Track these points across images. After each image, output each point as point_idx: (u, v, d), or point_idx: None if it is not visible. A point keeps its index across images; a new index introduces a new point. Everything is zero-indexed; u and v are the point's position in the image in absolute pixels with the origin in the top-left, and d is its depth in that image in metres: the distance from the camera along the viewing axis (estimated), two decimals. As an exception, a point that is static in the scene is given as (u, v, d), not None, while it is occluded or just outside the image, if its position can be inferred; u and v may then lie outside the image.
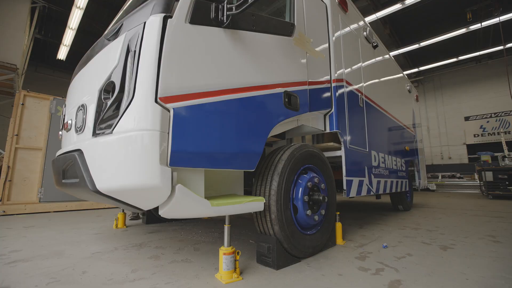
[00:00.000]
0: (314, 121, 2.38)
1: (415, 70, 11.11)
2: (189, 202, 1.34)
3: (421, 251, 2.11)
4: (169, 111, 1.30)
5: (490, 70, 11.01)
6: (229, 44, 1.61)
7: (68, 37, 8.32)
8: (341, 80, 2.68)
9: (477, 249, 2.16)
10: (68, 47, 8.87)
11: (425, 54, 10.01)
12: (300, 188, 1.94)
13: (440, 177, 11.37)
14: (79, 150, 1.43)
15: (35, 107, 4.58)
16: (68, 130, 1.73)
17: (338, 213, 2.43)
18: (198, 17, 1.47)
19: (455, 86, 11.96)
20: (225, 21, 1.54)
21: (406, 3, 6.64)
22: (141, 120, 1.24)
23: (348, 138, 2.62)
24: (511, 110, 10.26)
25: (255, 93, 1.71)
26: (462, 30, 7.85)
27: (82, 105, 1.55)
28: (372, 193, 3.09)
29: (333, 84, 2.55)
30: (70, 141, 1.70)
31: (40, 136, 4.57)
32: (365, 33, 3.58)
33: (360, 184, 2.80)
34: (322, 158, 2.22)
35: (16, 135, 4.32)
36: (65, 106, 1.98)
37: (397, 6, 6.79)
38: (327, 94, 2.47)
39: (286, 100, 1.95)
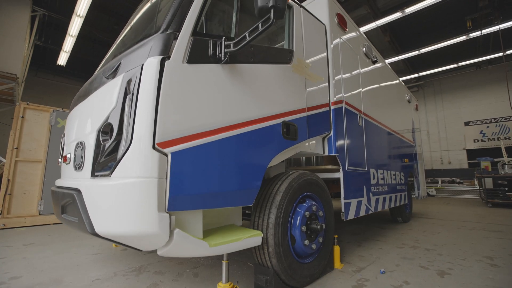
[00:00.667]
0: (313, 146, 2.39)
1: (415, 75, 11.11)
2: (188, 245, 1.36)
3: (418, 278, 2.12)
4: (166, 155, 1.30)
5: (491, 75, 11.01)
6: (227, 80, 1.61)
7: (68, 43, 8.32)
8: (340, 102, 2.69)
9: (474, 276, 2.16)
10: (68, 53, 8.88)
11: (425, 60, 10.01)
12: (298, 217, 1.95)
13: (440, 182, 11.37)
14: (78, 190, 1.43)
15: (35, 119, 4.59)
16: (67, 163, 1.74)
17: (336, 236, 2.44)
18: (196, 55, 1.48)
19: (455, 91, 11.96)
20: (223, 58, 1.55)
21: (406, 11, 6.63)
22: (139, 167, 1.24)
23: (346, 160, 2.63)
24: (511, 116, 10.25)
25: (253, 127, 1.72)
26: (462, 37, 7.85)
27: (81, 143, 1.56)
28: (370, 212, 3.10)
29: (332, 107, 2.56)
30: (69, 175, 1.71)
31: (40, 148, 4.59)
32: (364, 49, 3.58)
33: (359, 205, 2.81)
34: (320, 184, 2.23)
35: (16, 148, 4.33)
36: (64, 136, 1.99)
37: (397, 15, 6.79)
38: (326, 118, 2.48)
39: (284, 130, 1.96)
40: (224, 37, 1.57)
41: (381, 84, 4.10)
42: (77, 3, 6.39)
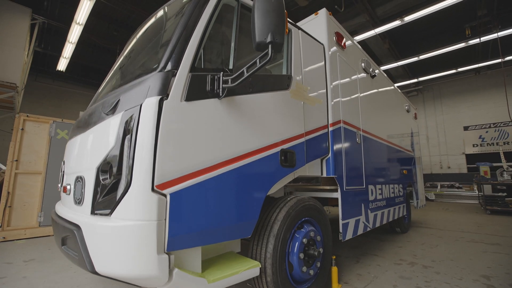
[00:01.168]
0: (311, 168, 2.40)
1: (415, 80, 11.13)
2: (187, 283, 1.37)
3: (415, 302, 2.13)
4: (165, 196, 1.32)
5: (490, 80, 11.03)
6: (225, 113, 1.63)
7: (68, 50, 8.32)
8: (339, 122, 2.70)
9: (471, 299, 2.18)
10: (68, 59, 8.88)
11: (424, 66, 10.03)
12: (296, 243, 1.97)
13: (439, 187, 11.40)
14: (78, 227, 1.45)
15: (34, 131, 4.60)
16: (67, 194, 1.75)
17: (334, 257, 2.45)
18: (194, 92, 1.49)
19: (455, 95, 11.98)
20: (221, 94, 1.56)
21: (405, 20, 6.65)
22: (138, 209, 1.26)
23: (344, 180, 2.65)
24: (509, 121, 10.28)
25: (251, 159, 1.74)
26: (461, 45, 7.87)
27: (81, 177, 1.57)
28: (368, 229, 3.12)
29: (331, 129, 2.57)
30: (69, 206, 1.72)
31: (39, 160, 4.60)
32: (363, 64, 3.60)
33: (356, 223, 2.83)
34: (318, 209, 2.24)
35: (16, 160, 4.34)
36: (64, 164, 2.00)
37: (396, 23, 6.80)
38: (324, 140, 2.50)
39: (283, 158, 1.98)
40: (222, 72, 1.58)
41: (380, 98, 4.12)
42: (76, 12, 6.40)
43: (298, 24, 3.05)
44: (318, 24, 2.85)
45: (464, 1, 5.98)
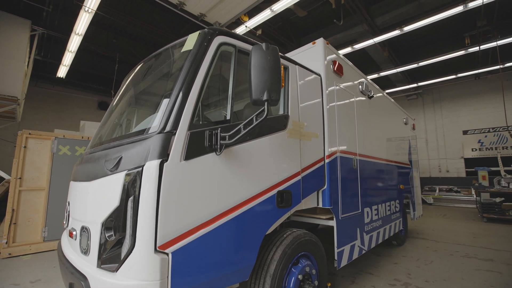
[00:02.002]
0: (307, 202, 2.48)
1: (414, 85, 11.14)
2: (187, 334, 1.46)
3: (407, 332, 2.23)
4: (167, 255, 1.40)
5: (490, 84, 11.04)
6: (222, 166, 1.70)
7: (68, 58, 8.37)
8: (335, 153, 2.77)
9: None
10: (68, 66, 8.92)
11: (424, 71, 10.04)
12: (293, 279, 2.06)
13: (437, 191, 11.49)
14: (85, 277, 1.53)
15: (37, 148, 4.68)
16: (73, 239, 1.83)
17: (329, 284, 2.54)
18: (193, 150, 1.56)
19: (454, 99, 12.00)
20: (219, 151, 1.63)
21: (405, 30, 6.66)
22: (142, 270, 1.34)
23: (340, 209, 2.72)
24: (509, 126, 10.32)
25: (248, 206, 1.81)
26: (461, 52, 7.88)
27: (86, 228, 1.65)
28: (364, 252, 3.20)
29: (327, 160, 2.64)
30: (75, 250, 1.79)
31: (42, 176, 4.68)
32: (360, 86, 3.65)
33: (352, 249, 2.91)
34: (314, 242, 2.32)
35: (20, 178, 4.42)
36: (68, 205, 2.08)
37: (395, 32, 6.81)
38: (321, 173, 2.57)
39: (279, 199, 2.05)
40: (219, 128, 1.65)
41: (377, 116, 4.17)
42: (76, 23, 6.43)
43: (295, 52, 3.10)
44: (315, 53, 2.90)
45: (464, 12, 5.99)
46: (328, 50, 2.93)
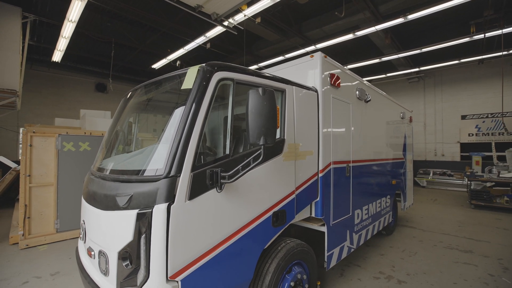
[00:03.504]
0: (301, 214, 2.69)
1: (416, 69, 10.95)
2: None
3: (384, 326, 2.58)
4: (177, 283, 1.63)
5: (493, 69, 10.85)
6: (223, 199, 1.87)
7: (62, 44, 8.15)
8: (328, 165, 2.92)
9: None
10: (63, 51, 8.71)
11: (427, 56, 9.82)
12: (286, 285, 2.34)
13: (431, 174, 11.84)
14: (105, 297, 1.78)
15: (42, 146, 4.82)
16: (92, 258, 2.06)
17: (319, 283, 2.86)
18: (196, 190, 1.72)
19: (456, 83, 11.86)
20: (219, 189, 1.79)
21: (409, 18, 6.44)
22: (156, 299, 1.58)
23: (331, 217, 2.95)
24: (507, 112, 10.35)
25: (246, 230, 2.02)
26: (466, 39, 7.68)
27: (104, 253, 1.87)
28: (352, 250, 3.51)
29: (320, 175, 2.80)
30: (95, 267, 2.03)
31: (50, 172, 4.88)
32: (357, 92, 3.69)
33: (341, 250, 3.20)
34: (306, 250, 2.57)
35: (29, 175, 4.63)
36: (84, 223, 2.28)
37: (399, 20, 6.59)
38: (314, 187, 2.75)
39: (274, 219, 2.26)
40: (220, 168, 1.79)
41: (373, 117, 4.25)
42: (68, 10, 6.19)
43: (293, 63, 3.12)
44: (312, 67, 2.92)
45: (471, 1, 5.76)
46: (326, 64, 2.95)
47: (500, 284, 3.38)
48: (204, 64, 1.92)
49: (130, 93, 2.62)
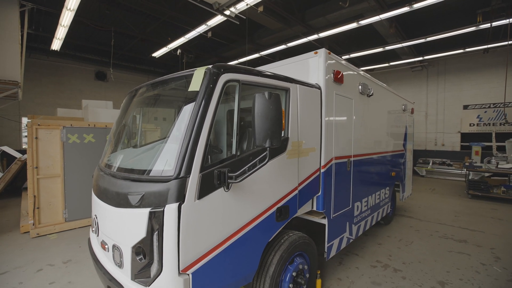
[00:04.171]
0: (303, 209, 2.80)
1: (420, 58, 10.79)
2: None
3: (379, 312, 2.75)
4: (188, 275, 1.75)
5: (498, 58, 10.69)
6: (230, 197, 1.95)
7: (61, 32, 8.02)
8: (330, 161, 3.00)
9: (423, 309, 2.80)
10: (62, 40, 8.59)
11: (431, 45, 9.65)
12: (288, 275, 2.48)
13: (431, 163, 11.96)
14: (121, 285, 1.91)
15: (47, 138, 4.89)
16: (106, 251, 2.18)
17: (319, 271, 3.02)
18: (204, 190, 1.81)
19: (459, 72, 11.73)
20: (226, 188, 1.88)
21: (414, 6, 6.31)
22: (169, 288, 1.70)
23: (332, 210, 3.07)
24: (510, 102, 10.31)
25: (252, 225, 2.12)
26: (472, 28, 7.54)
27: (118, 248, 1.98)
28: (351, 241, 3.66)
29: (322, 170, 2.89)
30: (109, 259, 2.15)
31: (56, 164, 4.99)
32: (360, 87, 3.71)
33: (341, 241, 3.34)
34: (307, 242, 2.70)
35: (36, 167, 4.73)
36: (96, 217, 2.39)
37: (404, 9, 6.45)
38: (316, 182, 2.84)
39: (278, 214, 2.36)
40: (227, 169, 1.86)
41: (375, 111, 4.28)
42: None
43: (297, 59, 3.12)
44: (316, 64, 2.93)
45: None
46: (330, 61, 2.96)
47: (491, 273, 3.55)
48: (210, 66, 1.95)
49: (135, 90, 2.66)
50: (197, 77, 1.94)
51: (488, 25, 7.16)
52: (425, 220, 5.88)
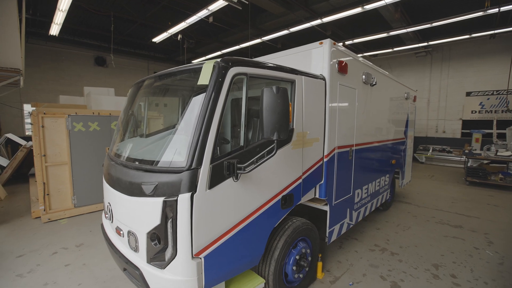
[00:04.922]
0: (306, 196, 2.91)
1: (424, 44, 10.59)
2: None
3: (376, 292, 2.95)
4: (201, 259, 1.89)
5: (503, 44, 10.49)
6: (238, 187, 2.05)
7: (59, 17, 7.85)
8: (333, 150, 3.09)
9: (417, 289, 2.99)
10: (60, 25, 8.42)
11: (436, 30, 9.45)
12: (292, 258, 2.64)
13: (431, 150, 12.07)
14: (138, 269, 2.05)
15: (53, 126, 4.96)
16: (121, 236, 2.31)
17: (320, 255, 3.19)
18: (215, 180, 1.90)
19: (463, 59, 11.54)
20: (236, 178, 1.97)
21: (421, -10, 6.13)
22: (184, 271, 1.84)
23: (334, 197, 3.19)
24: (509, 89, 10.24)
25: (258, 212, 2.24)
26: (479, 13, 7.36)
27: (133, 233, 2.11)
28: (351, 226, 3.82)
29: (325, 160, 2.98)
30: (125, 244, 2.29)
31: (63, 152, 5.09)
32: (364, 76, 3.72)
33: (341, 226, 3.50)
34: (310, 228, 2.84)
35: (44, 155, 4.84)
36: (110, 205, 2.50)
37: (411, -7, 6.28)
38: (319, 171, 2.94)
39: (283, 202, 2.48)
40: (236, 160, 1.95)
41: (377, 100, 4.31)
42: (64, -18, 5.91)
43: (302, 49, 3.12)
44: (321, 54, 2.94)
45: (489, -28, 5.44)
46: (334, 52, 2.96)
47: (483, 256, 3.74)
48: (219, 60, 1.98)
49: (141, 82, 2.69)
50: (206, 71, 1.97)
51: (496, 10, 6.99)
52: (422, 206, 6.06)
